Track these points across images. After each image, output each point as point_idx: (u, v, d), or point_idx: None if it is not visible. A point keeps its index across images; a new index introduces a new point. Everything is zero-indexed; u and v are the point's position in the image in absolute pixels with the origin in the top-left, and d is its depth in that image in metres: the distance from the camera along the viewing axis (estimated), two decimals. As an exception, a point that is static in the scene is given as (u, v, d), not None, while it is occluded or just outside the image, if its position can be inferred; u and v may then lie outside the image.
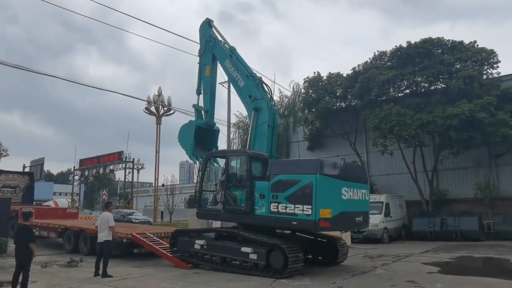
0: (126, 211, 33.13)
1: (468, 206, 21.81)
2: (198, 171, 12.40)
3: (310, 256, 11.90)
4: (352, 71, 24.17)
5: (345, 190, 9.87)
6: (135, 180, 53.88)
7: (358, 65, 24.11)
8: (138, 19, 70.94)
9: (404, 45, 22.26)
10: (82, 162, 48.00)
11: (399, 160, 23.38)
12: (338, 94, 25.26)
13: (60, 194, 74.17)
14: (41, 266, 11.03)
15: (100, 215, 10.49)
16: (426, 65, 20.95)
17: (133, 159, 45.02)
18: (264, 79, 13.14)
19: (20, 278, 7.68)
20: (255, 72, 13.28)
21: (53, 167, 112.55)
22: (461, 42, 21.58)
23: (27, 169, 41.46)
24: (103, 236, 9.84)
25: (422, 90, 22.46)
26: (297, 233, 11.50)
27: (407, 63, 22.03)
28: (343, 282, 9.23)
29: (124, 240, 12.99)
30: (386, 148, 21.36)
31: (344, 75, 24.76)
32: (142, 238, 12.65)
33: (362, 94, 22.84)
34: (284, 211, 9.82)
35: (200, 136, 13.80)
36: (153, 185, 38.57)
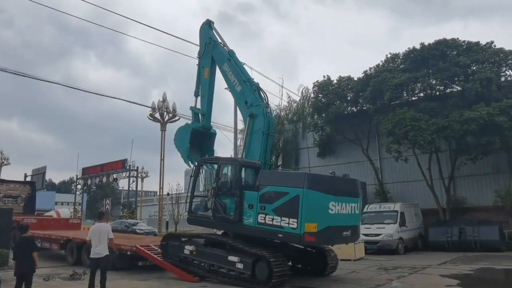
0: (130, 221, 33.21)
1: (488, 215, 21.44)
2: (190, 176, 12.53)
3: (299, 266, 12.25)
4: (363, 75, 24.09)
5: (332, 205, 10.10)
6: (139, 189, 54.17)
7: (370, 68, 24.06)
8: (136, 21, 71.12)
9: (417, 46, 22.18)
10: (85, 170, 48.32)
11: (414, 167, 23.11)
12: (349, 98, 25.15)
13: (62, 203, 74.57)
14: (43, 279, 11.05)
15: (95, 226, 9.53)
16: (440, 67, 20.80)
17: (137, 167, 45.24)
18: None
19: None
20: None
21: (54, 176, 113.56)
22: (477, 43, 21.43)
23: (28, 178, 41.87)
24: (103, 250, 9.02)
25: (437, 94, 22.28)
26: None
27: (421, 65, 21.89)
28: (357, 296, 9.12)
29: (128, 253, 13.01)
30: (400, 154, 21.16)
31: (355, 78, 24.68)
32: (146, 251, 12.61)
33: (374, 98, 22.71)
34: (271, 222, 10.05)
35: (197, 140, 13.95)
36: (158, 194, 38.61)
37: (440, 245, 19.71)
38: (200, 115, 14.31)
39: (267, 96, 12.93)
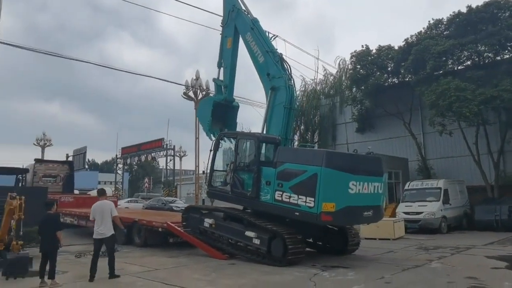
0: (167, 199, 34.01)
1: (542, 192, 20.10)
2: (210, 150, 12.50)
3: (320, 243, 12.25)
4: (404, 43, 22.82)
5: (352, 184, 9.89)
6: (178, 167, 55.31)
7: (411, 36, 22.69)
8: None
9: (464, 10, 20.64)
10: (124, 150, 49.75)
11: (460, 141, 21.92)
12: (389, 69, 24.01)
13: (105, 183, 77.64)
14: (75, 256, 11.43)
15: (97, 204, 8.76)
16: (490, 32, 19.29)
17: (174, 146, 46.01)
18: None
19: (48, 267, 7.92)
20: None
21: (97, 156, 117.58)
22: (535, 2, 19.65)
23: (70, 159, 43.56)
24: (107, 230, 8.50)
25: (486, 61, 20.84)
26: None
27: (468, 30, 20.40)
28: (392, 277, 8.71)
29: (160, 229, 13.23)
30: (444, 127, 20.04)
31: (396, 47, 23.47)
32: (177, 228, 12.76)
33: (416, 68, 21.51)
34: (288, 200, 10.04)
35: (219, 112, 13.81)
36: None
37: (487, 225, 18.62)
38: (222, 87, 14.07)
39: (290, 68, 12.55)
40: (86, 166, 61.65)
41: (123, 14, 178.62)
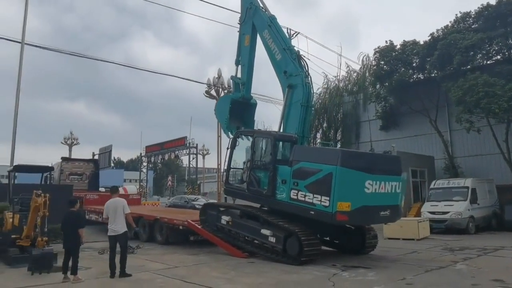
0: (190, 197, 34.28)
1: None
2: (227, 148, 12.67)
3: (337, 242, 12.31)
4: (430, 37, 22.32)
5: (369, 183, 9.88)
6: (202, 166, 55.76)
7: (437, 30, 22.17)
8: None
9: (493, 2, 20.00)
10: (148, 148, 50.47)
11: (489, 139, 21.29)
12: (414, 64, 23.53)
13: (130, 181, 78.92)
14: (98, 252, 11.71)
15: (109, 201, 8.85)
16: (522, 24, 18.68)
17: (197, 144, 46.34)
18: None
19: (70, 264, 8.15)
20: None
21: (123, 155, 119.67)
22: None
23: (96, 157, 44.52)
24: (120, 227, 8.55)
25: (517, 55, 20.16)
26: None
27: (497, 24, 19.78)
28: (414, 278, 8.55)
29: (181, 227, 13.42)
30: (472, 124, 19.48)
31: (421, 42, 22.99)
32: (197, 226, 12.91)
33: (442, 63, 20.99)
34: (303, 199, 10.09)
35: (238, 110, 13.91)
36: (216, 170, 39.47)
37: (518, 225, 18.10)
38: (240, 85, 14.14)
39: (307, 65, 12.52)
40: (112, 164, 62.86)
41: (147, 14, 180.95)
